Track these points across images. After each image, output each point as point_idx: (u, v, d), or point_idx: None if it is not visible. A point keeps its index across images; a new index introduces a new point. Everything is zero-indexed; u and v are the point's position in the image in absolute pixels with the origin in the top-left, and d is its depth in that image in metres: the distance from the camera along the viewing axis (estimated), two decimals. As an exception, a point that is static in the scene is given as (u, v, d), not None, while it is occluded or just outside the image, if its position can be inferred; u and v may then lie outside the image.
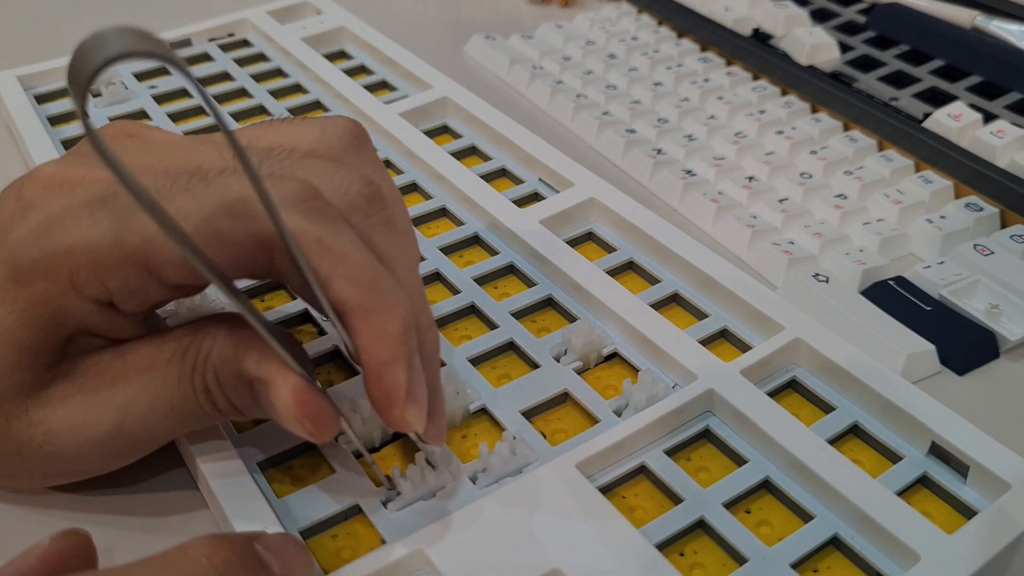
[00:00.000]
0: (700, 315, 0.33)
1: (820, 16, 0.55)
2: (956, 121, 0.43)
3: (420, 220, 0.38)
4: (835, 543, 0.26)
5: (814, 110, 0.46)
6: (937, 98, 0.46)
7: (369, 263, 0.23)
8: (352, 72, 0.49)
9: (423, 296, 0.26)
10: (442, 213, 0.39)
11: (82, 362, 0.25)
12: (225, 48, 0.51)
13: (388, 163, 0.41)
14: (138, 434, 0.25)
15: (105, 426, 0.24)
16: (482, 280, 0.35)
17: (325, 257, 0.22)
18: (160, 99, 0.46)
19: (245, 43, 0.51)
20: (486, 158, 0.42)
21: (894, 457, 0.28)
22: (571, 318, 0.33)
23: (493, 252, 0.36)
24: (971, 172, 0.40)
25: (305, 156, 0.25)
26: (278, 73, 0.49)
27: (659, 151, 0.43)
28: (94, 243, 0.23)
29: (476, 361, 0.31)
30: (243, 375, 0.24)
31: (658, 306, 0.33)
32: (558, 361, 0.31)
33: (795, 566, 0.25)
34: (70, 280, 0.23)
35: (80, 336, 0.24)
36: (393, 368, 0.23)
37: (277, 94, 0.46)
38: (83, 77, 0.17)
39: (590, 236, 0.37)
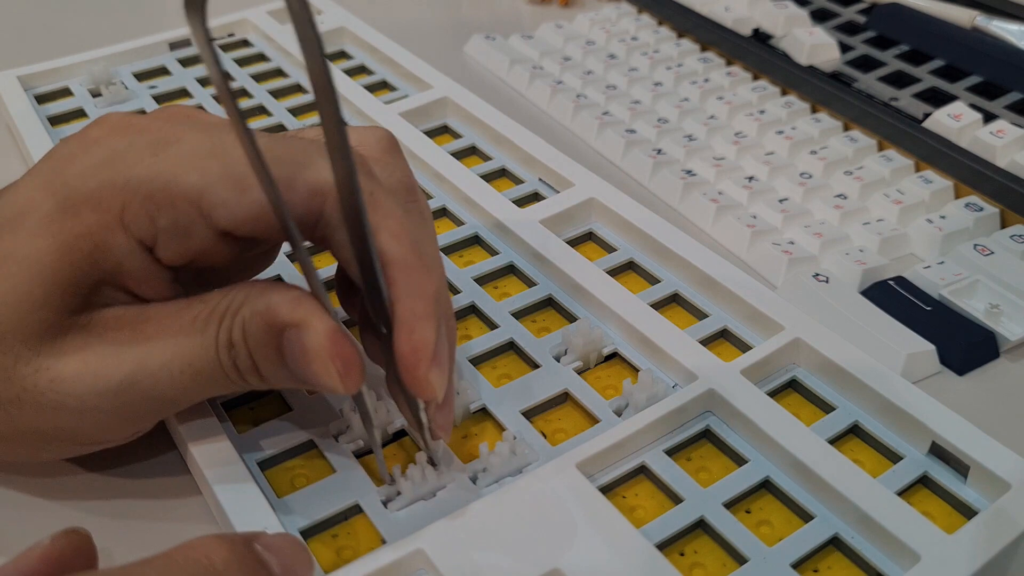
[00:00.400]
0: (700, 315, 0.33)
1: (820, 16, 0.55)
2: (956, 121, 0.43)
3: (420, 220, 0.38)
4: (835, 543, 0.26)
5: (814, 110, 0.46)
6: (937, 98, 0.46)
7: (412, 226, 0.25)
8: (352, 72, 0.49)
9: (447, 287, 0.27)
10: (442, 213, 0.39)
11: (103, 314, 0.24)
12: (225, 48, 0.51)
13: (388, 163, 0.41)
14: (149, 391, 0.24)
15: (116, 377, 0.24)
16: (482, 280, 0.35)
17: (375, 210, 0.24)
18: (160, 99, 0.46)
19: (245, 43, 0.51)
20: (486, 158, 0.42)
21: (894, 457, 0.28)
22: (571, 318, 0.33)
23: (493, 252, 0.36)
24: (971, 172, 0.40)
25: None
26: (278, 73, 0.49)
27: (659, 151, 0.43)
28: (152, 178, 0.24)
29: (476, 361, 0.31)
30: (275, 323, 0.24)
31: (658, 306, 0.33)
32: (558, 361, 0.31)
33: (795, 566, 0.25)
34: (120, 214, 0.24)
35: (108, 288, 0.24)
36: (425, 323, 0.23)
37: (277, 94, 0.46)
38: None
39: (590, 236, 0.37)
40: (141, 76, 0.48)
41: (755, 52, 0.50)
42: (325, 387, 0.24)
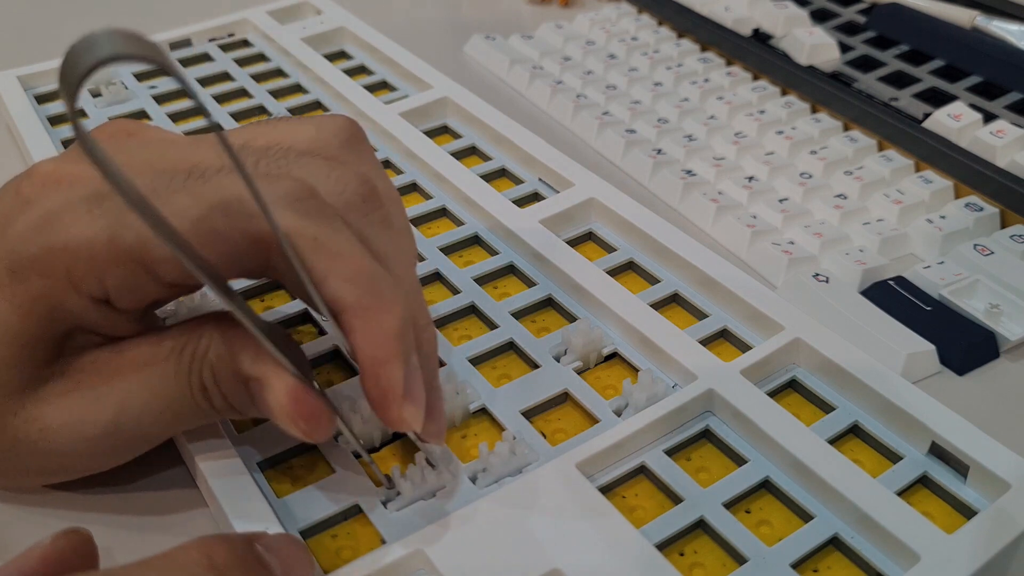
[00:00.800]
0: (700, 315, 0.33)
1: (820, 16, 0.55)
2: (956, 121, 0.43)
3: (420, 220, 0.38)
4: (835, 543, 0.26)
5: (814, 110, 0.46)
6: (937, 98, 0.46)
7: (365, 261, 0.23)
8: (352, 72, 0.49)
9: (420, 295, 0.26)
10: (442, 213, 0.39)
11: (79, 359, 0.25)
12: (225, 48, 0.51)
13: (388, 163, 0.41)
14: (134, 431, 0.25)
15: (101, 423, 0.24)
16: (482, 280, 0.35)
17: (321, 256, 0.22)
18: (160, 99, 0.46)
19: (245, 43, 0.51)
20: (486, 158, 0.42)
21: (894, 457, 0.28)
22: (571, 318, 0.33)
23: (493, 252, 0.36)
24: (971, 172, 0.40)
25: (301, 155, 0.25)
26: (278, 73, 0.49)
27: (659, 151, 0.43)
28: (91, 240, 0.23)
29: (476, 361, 0.31)
30: (239, 373, 0.24)
31: (658, 306, 0.33)
32: (558, 361, 0.31)
33: (795, 566, 0.25)
34: (67, 277, 0.23)
35: (77, 333, 0.24)
36: (389, 367, 0.22)
37: (277, 94, 0.46)
38: (73, 79, 0.17)
39: (590, 236, 0.37)
40: (141, 76, 0.48)
41: (755, 52, 0.50)
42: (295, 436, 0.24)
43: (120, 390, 0.24)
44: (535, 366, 0.31)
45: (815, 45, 0.49)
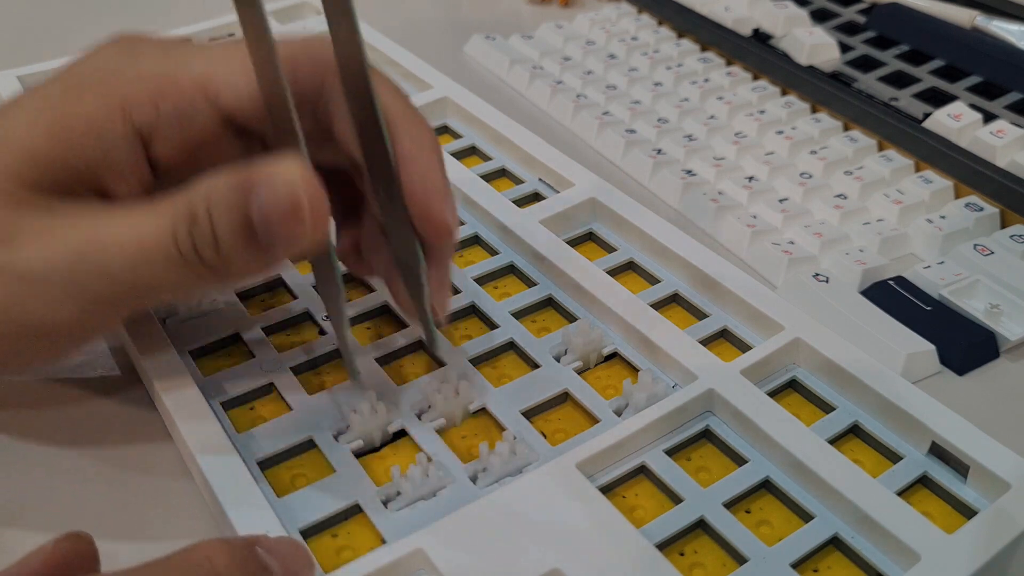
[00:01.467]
0: (700, 315, 0.33)
1: (820, 16, 0.55)
2: (956, 121, 0.43)
3: (420, 220, 0.38)
4: (835, 543, 0.26)
5: (814, 110, 0.46)
6: (937, 98, 0.46)
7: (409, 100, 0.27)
8: (352, 72, 0.48)
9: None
10: (442, 213, 0.39)
11: (66, 203, 0.24)
12: (225, 48, 0.51)
13: (388, 163, 0.41)
14: (99, 265, 0.23)
15: (67, 245, 0.23)
16: (482, 280, 0.35)
17: (380, 81, 0.26)
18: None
19: (245, 43, 0.51)
20: (486, 158, 0.42)
21: (894, 457, 0.28)
22: (571, 318, 0.33)
23: (493, 252, 0.36)
24: (971, 172, 0.40)
25: None
26: (278, 73, 0.49)
27: (659, 151, 0.43)
28: (160, 70, 0.25)
29: (476, 361, 0.31)
30: (246, 181, 0.22)
31: (658, 306, 0.33)
32: (558, 361, 0.31)
33: (795, 566, 0.25)
34: (122, 101, 0.25)
35: (83, 187, 0.25)
36: (436, 168, 0.26)
37: (277, 94, 0.46)
38: None
39: (590, 236, 0.37)
40: (141, 76, 0.48)
41: (755, 52, 0.50)
42: (291, 241, 0.22)
43: (98, 220, 0.23)
44: (535, 366, 0.31)
45: (815, 45, 0.49)
